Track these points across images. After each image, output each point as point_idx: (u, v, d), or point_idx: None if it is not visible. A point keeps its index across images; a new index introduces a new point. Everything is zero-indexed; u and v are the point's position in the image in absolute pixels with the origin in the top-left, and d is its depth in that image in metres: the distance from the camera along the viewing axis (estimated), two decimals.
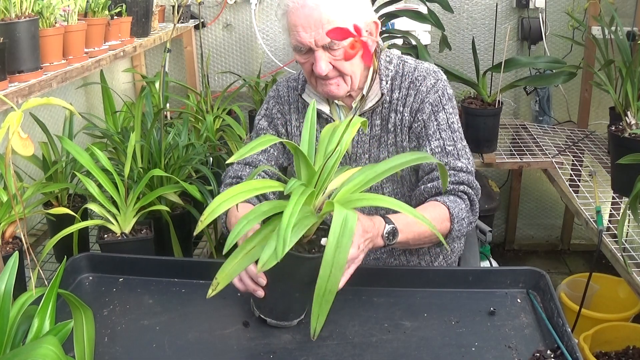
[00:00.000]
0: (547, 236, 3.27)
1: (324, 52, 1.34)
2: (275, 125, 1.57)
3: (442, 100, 1.44)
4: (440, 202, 1.33)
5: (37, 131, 1.75)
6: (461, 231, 1.34)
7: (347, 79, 1.40)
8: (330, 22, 1.30)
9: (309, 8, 1.30)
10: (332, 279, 0.89)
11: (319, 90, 1.44)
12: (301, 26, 1.32)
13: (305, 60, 1.38)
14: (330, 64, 1.35)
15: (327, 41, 1.32)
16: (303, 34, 1.32)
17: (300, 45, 1.35)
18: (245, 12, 2.92)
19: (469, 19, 2.88)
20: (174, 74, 3.03)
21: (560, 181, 2.31)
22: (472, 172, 1.41)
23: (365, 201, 1.04)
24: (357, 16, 1.35)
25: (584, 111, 2.83)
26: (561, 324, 1.07)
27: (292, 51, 1.43)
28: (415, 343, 1.09)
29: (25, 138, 0.91)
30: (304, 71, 1.43)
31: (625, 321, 2.27)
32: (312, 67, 1.37)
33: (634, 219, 1.56)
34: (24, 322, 0.95)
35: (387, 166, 1.10)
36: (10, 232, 1.44)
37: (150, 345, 1.10)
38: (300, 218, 0.94)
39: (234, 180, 1.53)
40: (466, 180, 1.38)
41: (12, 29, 1.31)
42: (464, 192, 1.38)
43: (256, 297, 1.14)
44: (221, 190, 1.54)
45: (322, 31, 1.31)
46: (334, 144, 1.09)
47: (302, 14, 1.31)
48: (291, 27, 1.34)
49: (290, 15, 1.34)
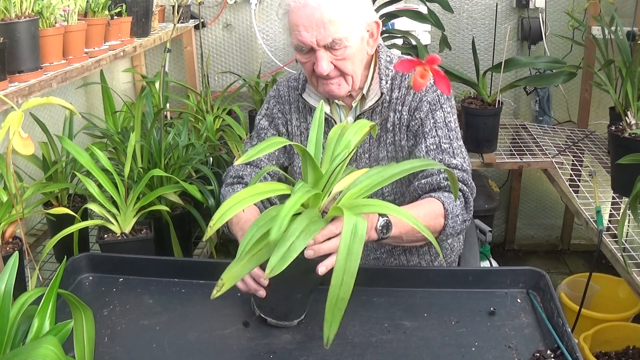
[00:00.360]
0: (547, 236, 3.27)
1: (326, 51, 1.34)
2: (276, 125, 1.57)
3: (440, 100, 1.44)
4: (435, 198, 1.32)
5: (37, 131, 1.75)
6: (455, 228, 1.33)
7: (349, 79, 1.40)
8: (332, 22, 1.30)
9: (311, 8, 1.30)
10: (345, 286, 0.89)
11: (320, 89, 1.44)
12: (302, 26, 1.32)
13: (306, 59, 1.38)
14: (332, 64, 1.35)
15: (329, 41, 1.32)
16: (305, 33, 1.32)
17: (301, 45, 1.35)
18: (245, 12, 2.92)
19: (469, 19, 2.88)
20: (174, 74, 3.03)
21: (560, 181, 2.31)
22: (467, 171, 1.41)
23: (371, 207, 1.04)
24: (359, 15, 1.35)
25: (584, 111, 2.83)
26: (561, 324, 1.07)
27: (292, 51, 1.43)
28: (415, 343, 1.09)
29: (26, 138, 0.91)
30: (305, 71, 1.43)
31: (625, 321, 2.27)
32: (313, 67, 1.38)
33: (634, 219, 1.56)
34: (24, 322, 0.95)
35: (394, 171, 1.09)
36: (10, 232, 1.44)
37: (150, 345, 1.10)
38: (307, 223, 0.94)
39: (235, 180, 1.53)
40: (461, 178, 1.38)
41: (12, 29, 1.31)
42: (459, 190, 1.37)
43: (257, 297, 1.14)
44: (222, 190, 1.54)
45: (324, 31, 1.31)
46: (342, 146, 1.08)
47: (303, 14, 1.31)
48: (293, 26, 1.34)
49: (291, 14, 1.34)
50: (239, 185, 1.51)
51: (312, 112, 1.52)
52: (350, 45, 1.35)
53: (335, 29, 1.31)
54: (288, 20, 1.36)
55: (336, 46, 1.33)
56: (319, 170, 1.06)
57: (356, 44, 1.36)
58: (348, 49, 1.35)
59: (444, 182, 1.36)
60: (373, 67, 1.46)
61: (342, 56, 1.35)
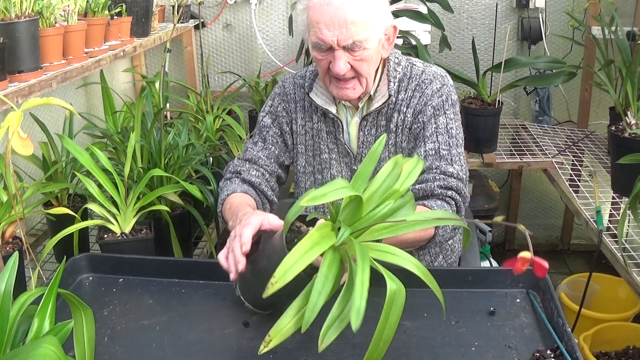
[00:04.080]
0: (547, 236, 3.27)
1: (344, 52, 1.33)
2: (280, 123, 1.57)
3: (444, 105, 1.44)
4: (427, 207, 1.33)
5: (37, 131, 1.75)
6: (444, 236, 1.34)
7: (363, 81, 1.39)
8: (355, 23, 1.29)
9: (335, 7, 1.29)
10: (378, 353, 0.90)
11: (333, 92, 1.43)
12: (324, 24, 1.30)
13: (322, 57, 1.37)
14: (348, 63, 1.35)
15: (350, 42, 1.31)
16: (326, 31, 1.31)
17: (321, 43, 1.33)
18: (245, 12, 2.92)
19: (469, 19, 2.88)
20: (174, 74, 3.03)
21: (560, 181, 2.31)
22: (463, 180, 1.41)
23: (389, 256, 1.00)
24: (380, 18, 1.34)
25: (584, 111, 2.83)
26: (561, 324, 1.07)
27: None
28: (415, 343, 1.09)
29: (25, 138, 0.91)
30: (320, 68, 1.41)
31: (625, 321, 2.27)
32: (329, 65, 1.36)
33: (634, 219, 1.56)
34: (24, 322, 0.95)
35: (417, 218, 1.04)
36: (10, 232, 1.44)
37: (150, 345, 1.10)
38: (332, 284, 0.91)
39: (233, 175, 1.53)
40: (455, 186, 1.38)
41: (12, 29, 1.31)
42: (452, 198, 1.37)
43: (243, 281, 1.14)
44: (221, 183, 1.55)
45: (346, 31, 1.29)
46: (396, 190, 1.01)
47: (326, 12, 1.30)
48: (313, 23, 1.33)
49: (312, 11, 1.32)
50: (237, 179, 1.51)
51: (318, 111, 1.52)
52: (368, 48, 1.34)
53: (357, 30, 1.30)
54: (307, 17, 1.34)
55: (356, 48, 1.32)
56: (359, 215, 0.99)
57: (374, 46, 1.35)
58: (366, 51, 1.34)
59: (438, 190, 1.36)
60: (381, 68, 1.46)
61: (360, 57, 1.34)
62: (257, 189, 1.50)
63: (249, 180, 1.50)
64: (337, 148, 1.52)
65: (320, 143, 1.54)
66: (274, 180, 1.56)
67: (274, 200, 1.55)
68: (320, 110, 1.50)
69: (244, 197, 1.43)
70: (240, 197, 1.43)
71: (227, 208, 1.39)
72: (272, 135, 1.56)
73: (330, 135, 1.52)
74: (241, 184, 1.48)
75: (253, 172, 1.51)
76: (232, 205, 1.37)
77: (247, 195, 1.45)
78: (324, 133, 1.53)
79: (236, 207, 1.34)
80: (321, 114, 1.51)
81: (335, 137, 1.51)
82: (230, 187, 1.46)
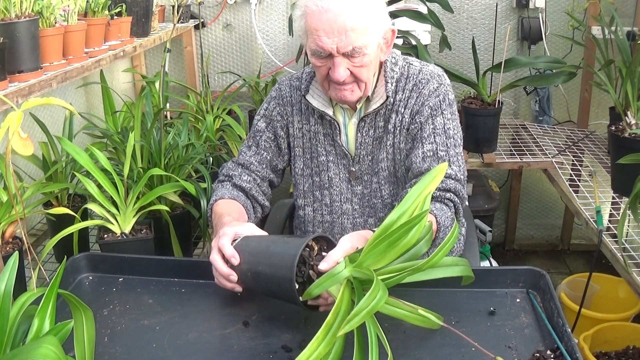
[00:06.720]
0: (547, 236, 3.27)
1: (344, 58, 1.32)
2: (274, 127, 1.56)
3: (441, 105, 1.43)
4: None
5: (37, 131, 1.75)
6: (444, 239, 1.34)
7: (362, 85, 1.39)
8: (354, 30, 1.28)
9: (334, 13, 1.27)
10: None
11: (332, 94, 1.42)
12: (323, 31, 1.29)
13: (322, 64, 1.36)
14: (348, 70, 1.34)
15: (349, 49, 1.30)
16: (325, 39, 1.29)
17: (320, 50, 1.32)
18: (245, 12, 2.93)
19: (469, 19, 2.88)
20: (174, 74, 3.03)
21: (560, 181, 2.31)
22: (461, 180, 1.40)
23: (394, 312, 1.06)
24: (378, 23, 1.34)
25: (584, 111, 2.84)
26: (561, 324, 1.07)
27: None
28: (415, 343, 1.09)
29: (25, 138, 0.91)
30: (319, 74, 1.40)
31: (625, 321, 2.27)
32: (328, 71, 1.36)
33: (634, 219, 1.56)
34: (24, 322, 0.95)
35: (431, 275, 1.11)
36: (10, 232, 1.44)
37: (150, 345, 1.10)
38: None
39: (225, 178, 1.56)
40: (453, 187, 1.38)
41: (12, 29, 1.31)
42: (450, 200, 1.37)
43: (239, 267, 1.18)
44: (214, 185, 1.59)
45: (346, 38, 1.28)
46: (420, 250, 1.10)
47: (325, 19, 1.28)
48: (311, 30, 1.31)
49: (310, 17, 1.31)
50: (228, 183, 1.54)
51: (315, 113, 1.52)
52: (368, 53, 1.33)
53: (356, 37, 1.29)
54: (305, 23, 1.33)
55: (355, 54, 1.31)
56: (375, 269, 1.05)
57: (373, 51, 1.35)
58: (366, 57, 1.33)
59: (436, 192, 1.36)
60: (379, 69, 1.46)
61: (360, 63, 1.33)
62: (248, 194, 1.54)
63: (240, 185, 1.53)
64: (335, 150, 1.52)
65: (317, 145, 1.54)
66: (265, 184, 1.58)
67: (265, 204, 1.58)
68: (317, 112, 1.50)
69: (229, 204, 1.47)
70: (225, 204, 1.47)
71: (213, 214, 1.45)
72: (265, 140, 1.56)
73: (328, 138, 1.52)
74: (231, 189, 1.52)
75: (244, 177, 1.54)
76: (217, 213, 1.43)
77: (234, 202, 1.48)
78: (321, 135, 1.53)
79: (219, 215, 1.39)
80: (318, 116, 1.51)
81: (333, 139, 1.51)
82: (220, 192, 1.51)
